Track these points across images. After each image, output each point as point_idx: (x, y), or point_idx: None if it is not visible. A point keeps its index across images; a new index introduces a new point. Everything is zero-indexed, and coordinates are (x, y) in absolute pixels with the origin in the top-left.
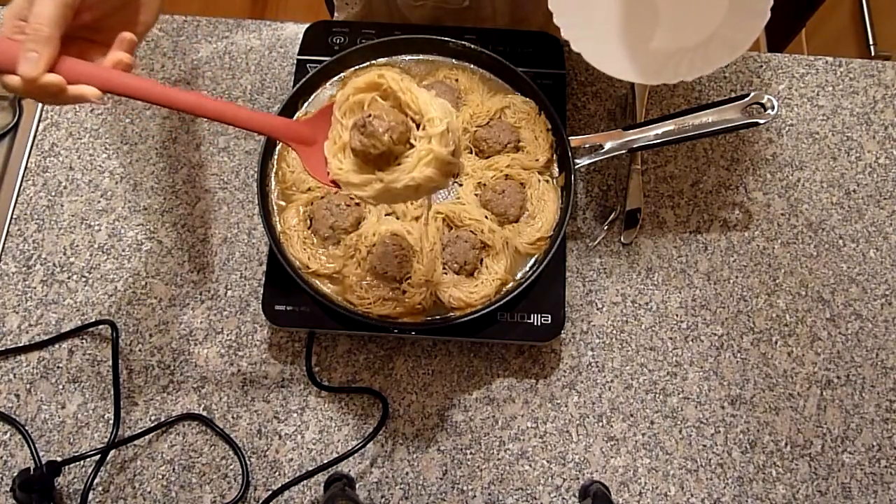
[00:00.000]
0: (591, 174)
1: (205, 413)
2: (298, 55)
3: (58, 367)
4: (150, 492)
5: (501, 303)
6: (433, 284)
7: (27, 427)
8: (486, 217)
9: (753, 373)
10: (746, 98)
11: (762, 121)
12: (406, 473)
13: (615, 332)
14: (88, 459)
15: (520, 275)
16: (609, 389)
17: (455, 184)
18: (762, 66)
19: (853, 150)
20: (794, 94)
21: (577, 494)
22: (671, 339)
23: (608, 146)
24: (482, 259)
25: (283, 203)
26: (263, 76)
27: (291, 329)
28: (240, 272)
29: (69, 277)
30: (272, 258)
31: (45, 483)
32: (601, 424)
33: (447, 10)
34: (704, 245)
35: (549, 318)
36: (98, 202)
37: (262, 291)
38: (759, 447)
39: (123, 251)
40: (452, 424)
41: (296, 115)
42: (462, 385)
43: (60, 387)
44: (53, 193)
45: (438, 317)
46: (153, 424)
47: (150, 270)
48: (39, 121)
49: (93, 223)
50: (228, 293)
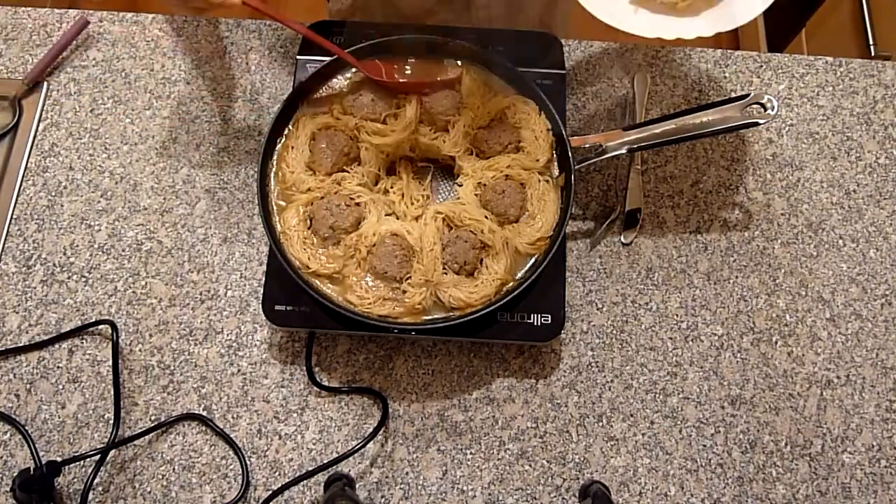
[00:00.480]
0: (591, 174)
1: (205, 413)
2: (298, 55)
3: (58, 367)
4: (150, 492)
5: (501, 303)
6: (433, 284)
7: (27, 427)
8: (486, 217)
9: (753, 373)
10: (746, 98)
11: (762, 121)
12: (406, 473)
13: (615, 332)
14: (88, 459)
15: (520, 275)
16: (609, 389)
17: (455, 184)
18: (762, 66)
19: (853, 150)
20: (794, 94)
21: (577, 494)
22: (671, 339)
23: (608, 146)
24: (482, 259)
25: (283, 203)
26: (263, 76)
27: (291, 329)
28: (240, 272)
29: (69, 277)
30: (272, 258)
31: (45, 483)
32: (601, 424)
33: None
34: (704, 245)
35: (549, 318)
36: (98, 202)
37: (262, 291)
38: (759, 447)
39: (123, 251)
40: (452, 424)
41: (295, 115)
42: (462, 385)
43: (60, 387)
44: (53, 193)
45: (438, 317)
46: (153, 424)
47: (150, 270)
48: (39, 121)
49: (93, 223)
50: (228, 293)
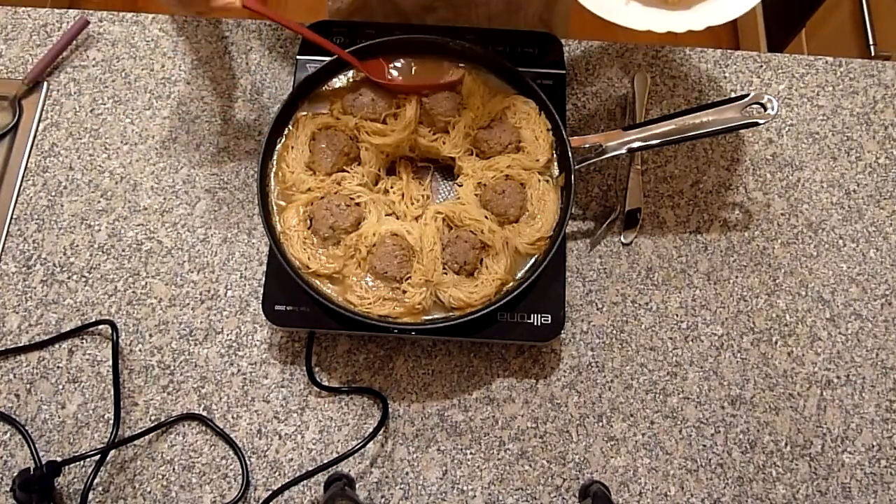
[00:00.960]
0: (591, 174)
1: (205, 413)
2: (298, 55)
3: (58, 367)
4: (150, 492)
5: (501, 303)
6: (433, 284)
7: (27, 427)
8: (486, 217)
9: (753, 373)
10: (746, 98)
11: (762, 121)
12: (406, 473)
13: (615, 332)
14: (88, 459)
15: (520, 275)
16: (609, 389)
17: (455, 184)
18: (762, 66)
19: (853, 150)
20: (794, 94)
21: (577, 494)
22: (671, 339)
23: (608, 146)
24: (482, 259)
25: (283, 203)
26: (263, 76)
27: (291, 329)
28: (240, 272)
29: (69, 277)
30: (272, 258)
31: (45, 483)
32: (601, 424)
33: None
34: (704, 245)
35: (549, 318)
36: (98, 202)
37: (262, 291)
38: (759, 447)
39: (123, 251)
40: (452, 424)
41: (295, 115)
42: (462, 385)
43: (60, 387)
44: (53, 193)
45: (438, 317)
46: (153, 424)
47: (150, 270)
48: (39, 121)
49: (93, 223)
50: (228, 293)
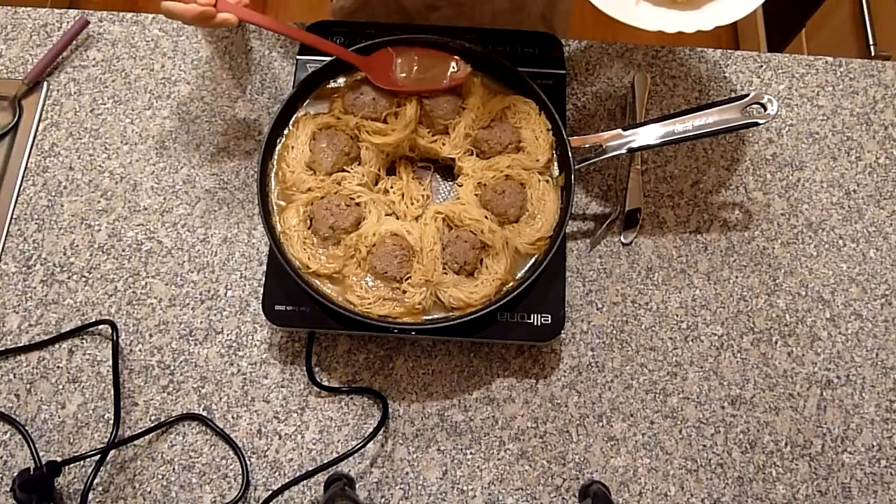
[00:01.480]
0: (591, 174)
1: (205, 413)
2: (298, 55)
3: (58, 367)
4: (150, 492)
5: (501, 303)
6: (433, 284)
7: (27, 427)
8: (486, 217)
9: (753, 373)
10: (746, 98)
11: (762, 121)
12: (406, 473)
13: (615, 332)
14: (88, 459)
15: (520, 275)
16: (609, 389)
17: (455, 184)
18: (762, 66)
19: (853, 150)
20: (794, 94)
21: (577, 494)
22: (671, 339)
23: (608, 146)
24: (482, 259)
25: (283, 203)
26: (263, 76)
27: (291, 329)
28: (240, 272)
29: (69, 277)
30: (272, 258)
31: (45, 483)
32: (601, 424)
33: None
34: (704, 245)
35: (549, 318)
36: (98, 202)
37: (262, 291)
38: (759, 447)
39: (123, 251)
40: (452, 424)
41: (295, 115)
42: (462, 385)
43: (60, 387)
44: (53, 193)
45: (438, 317)
46: (153, 424)
47: (150, 270)
48: (39, 121)
49: (93, 223)
50: (228, 293)
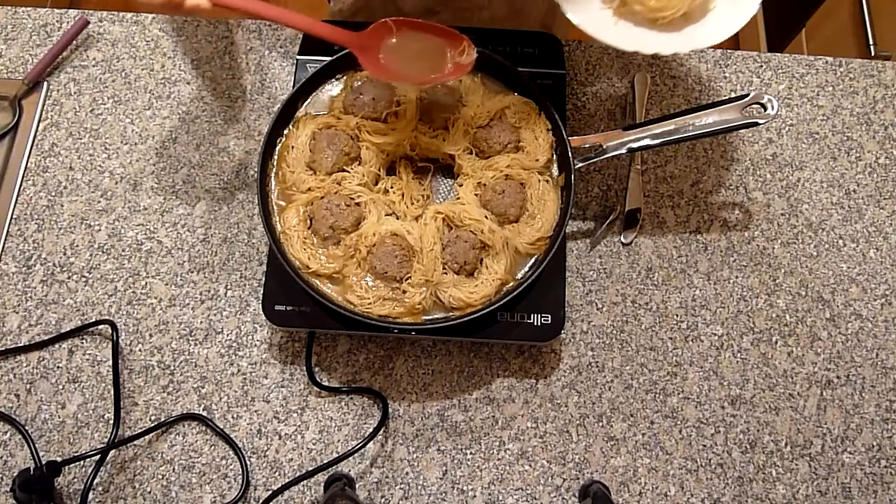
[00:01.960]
0: (591, 174)
1: (205, 413)
2: (298, 55)
3: (58, 367)
4: (150, 492)
5: (501, 303)
6: (433, 284)
7: (27, 427)
8: (486, 217)
9: (753, 373)
10: (746, 98)
11: (762, 121)
12: (406, 473)
13: (615, 332)
14: (88, 459)
15: (520, 275)
16: (609, 389)
17: (455, 184)
18: (762, 66)
19: (853, 150)
20: (794, 94)
21: (577, 494)
22: (671, 339)
23: (608, 146)
24: (482, 259)
25: (283, 203)
26: (263, 76)
27: (291, 329)
28: (240, 272)
29: (69, 277)
30: (272, 258)
31: (45, 483)
32: (601, 424)
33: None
34: (704, 245)
35: (549, 318)
36: (98, 202)
37: (262, 291)
38: (759, 447)
39: (123, 251)
40: (452, 424)
41: (295, 115)
42: (462, 385)
43: (60, 387)
44: (53, 193)
45: (438, 317)
46: (153, 424)
47: (150, 270)
48: (39, 121)
49: (93, 223)
50: (228, 293)
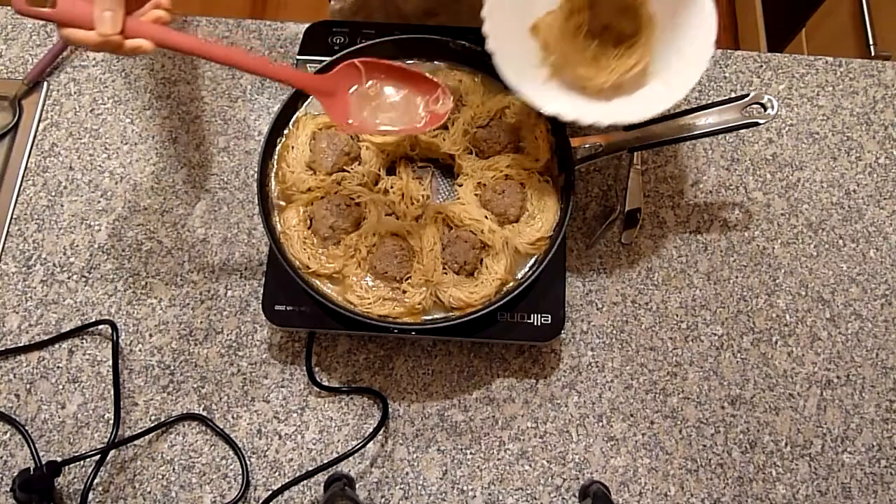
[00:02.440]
0: (591, 174)
1: (205, 413)
2: (298, 55)
3: (58, 367)
4: (150, 492)
5: (501, 303)
6: (433, 284)
7: (27, 427)
8: (486, 217)
9: (753, 373)
10: (746, 98)
11: (762, 121)
12: (406, 473)
13: (615, 332)
14: (88, 459)
15: (520, 275)
16: (609, 389)
17: (455, 184)
18: (762, 66)
19: (853, 150)
20: (794, 94)
21: (577, 494)
22: (671, 339)
23: (608, 146)
24: (482, 259)
25: (283, 203)
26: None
27: (291, 329)
28: (240, 272)
29: (69, 277)
30: (272, 258)
31: (45, 483)
32: (601, 424)
33: (440, 2)
34: (704, 245)
35: (549, 318)
36: (98, 202)
37: (262, 291)
38: (759, 447)
39: (123, 251)
40: (452, 424)
41: (295, 115)
42: (462, 385)
43: (60, 387)
44: (53, 193)
45: (438, 317)
46: (153, 424)
47: (150, 270)
48: (39, 121)
49: (93, 223)
50: (228, 293)
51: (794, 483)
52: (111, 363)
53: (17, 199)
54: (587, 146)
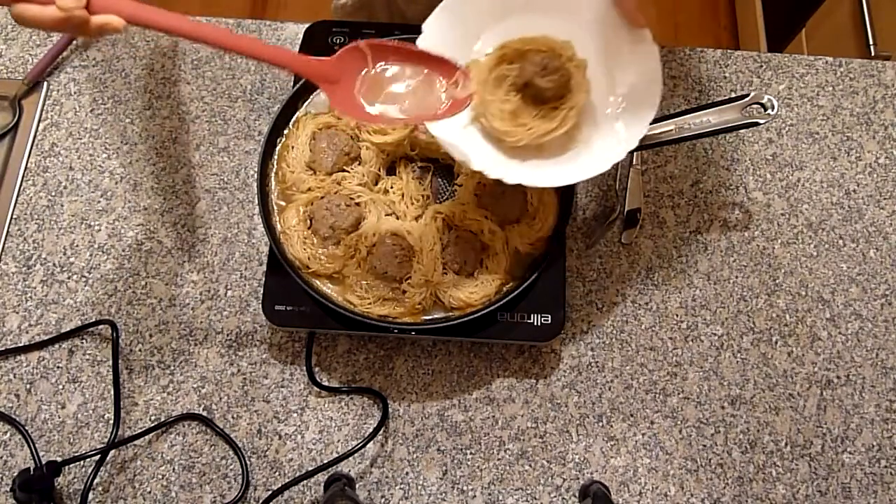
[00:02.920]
0: None
1: (205, 413)
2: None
3: (58, 367)
4: (150, 492)
5: (501, 303)
6: (433, 284)
7: (27, 427)
8: (486, 217)
9: (753, 373)
10: (746, 98)
11: (762, 121)
12: (406, 473)
13: (615, 332)
14: (88, 459)
15: (520, 275)
16: (609, 389)
17: (455, 184)
18: (762, 66)
19: (853, 150)
20: (794, 94)
21: (577, 494)
22: (671, 339)
23: None
24: (482, 259)
25: (283, 203)
26: (263, 76)
27: (291, 329)
28: (240, 272)
29: (69, 277)
30: (272, 258)
31: (45, 483)
32: (601, 424)
33: None
34: (704, 245)
35: (549, 318)
36: (98, 202)
37: (262, 291)
38: (759, 447)
39: (123, 251)
40: (452, 424)
41: (295, 115)
42: (462, 385)
43: (60, 387)
44: (53, 193)
45: (438, 317)
46: (153, 424)
47: (150, 270)
48: (39, 121)
49: (93, 223)
50: (228, 293)
51: (794, 483)
52: (111, 363)
53: (17, 199)
54: None
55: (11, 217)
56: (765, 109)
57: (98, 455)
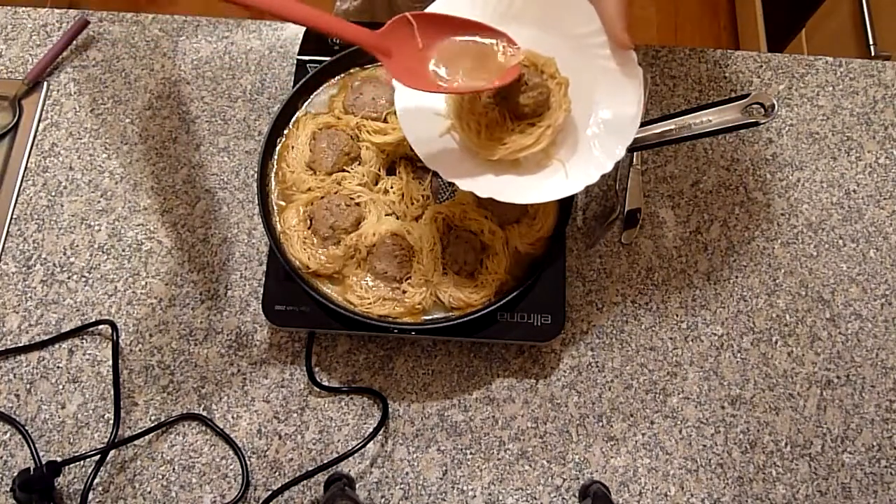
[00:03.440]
0: None
1: (205, 413)
2: (298, 55)
3: (58, 367)
4: (150, 492)
5: (501, 303)
6: (433, 284)
7: (27, 427)
8: (486, 217)
9: (753, 373)
10: (746, 98)
11: (762, 121)
12: (406, 473)
13: (615, 333)
14: (88, 459)
15: (520, 275)
16: (609, 389)
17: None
18: (762, 66)
19: (853, 150)
20: (794, 94)
21: (577, 494)
22: (671, 339)
23: None
24: (482, 259)
25: (283, 203)
26: (263, 76)
27: (291, 329)
28: (240, 272)
29: (69, 277)
30: (272, 258)
31: (45, 483)
32: (601, 424)
33: None
34: (704, 245)
35: (549, 318)
36: (98, 202)
37: (262, 291)
38: (759, 447)
39: (123, 251)
40: (452, 424)
41: (295, 115)
42: (462, 385)
43: (60, 387)
44: (53, 193)
45: (438, 317)
46: (153, 424)
47: (150, 270)
48: (39, 121)
49: (93, 223)
50: (228, 293)
51: (794, 483)
52: (111, 363)
53: (17, 199)
54: None
55: (11, 217)
56: (765, 109)
57: (98, 455)
